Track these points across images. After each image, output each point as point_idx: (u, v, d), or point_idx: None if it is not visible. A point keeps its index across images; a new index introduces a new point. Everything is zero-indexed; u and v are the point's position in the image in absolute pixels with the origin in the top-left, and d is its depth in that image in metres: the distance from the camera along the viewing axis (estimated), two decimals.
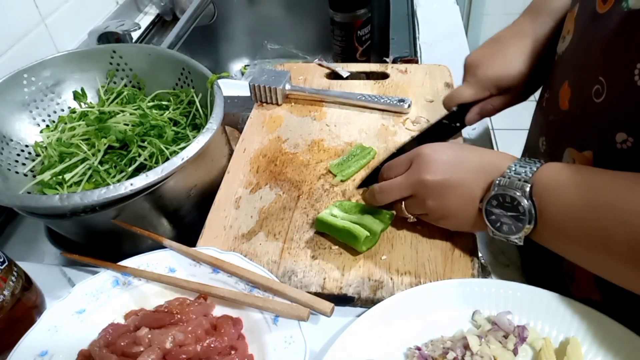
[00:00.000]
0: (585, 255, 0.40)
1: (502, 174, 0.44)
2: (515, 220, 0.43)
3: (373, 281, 0.50)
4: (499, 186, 0.44)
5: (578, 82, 0.45)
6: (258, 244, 0.55)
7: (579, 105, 0.45)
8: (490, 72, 0.57)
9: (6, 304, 0.48)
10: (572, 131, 0.46)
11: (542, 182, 0.42)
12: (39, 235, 0.68)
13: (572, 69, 0.47)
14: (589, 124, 0.43)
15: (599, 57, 0.42)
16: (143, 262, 0.52)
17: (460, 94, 0.59)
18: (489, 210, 0.45)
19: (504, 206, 0.44)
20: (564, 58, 0.49)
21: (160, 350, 0.42)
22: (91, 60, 0.71)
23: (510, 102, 0.59)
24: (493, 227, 0.46)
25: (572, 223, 0.40)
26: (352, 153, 0.65)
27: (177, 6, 1.10)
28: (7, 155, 0.63)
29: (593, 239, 0.38)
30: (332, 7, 0.89)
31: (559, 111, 0.49)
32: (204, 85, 0.65)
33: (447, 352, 0.42)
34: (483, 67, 0.57)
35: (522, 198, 0.42)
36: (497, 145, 2.10)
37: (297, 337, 0.44)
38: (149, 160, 0.61)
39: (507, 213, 0.44)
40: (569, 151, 0.46)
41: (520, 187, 0.42)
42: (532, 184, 0.42)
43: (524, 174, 0.43)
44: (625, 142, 0.39)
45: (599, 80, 0.41)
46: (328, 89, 0.77)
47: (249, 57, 1.25)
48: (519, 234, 0.44)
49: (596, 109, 0.42)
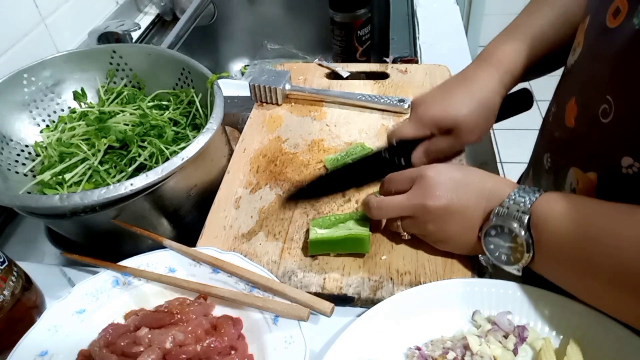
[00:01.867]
0: (578, 285, 0.41)
1: (502, 203, 0.44)
2: (514, 251, 0.44)
3: (373, 281, 0.50)
4: (497, 216, 0.44)
5: (585, 99, 0.44)
6: (258, 244, 0.55)
7: (585, 124, 0.44)
8: (430, 111, 0.57)
9: (6, 304, 0.48)
10: (577, 150, 0.46)
11: (539, 213, 0.42)
12: (39, 235, 0.68)
13: (579, 84, 0.46)
14: (594, 144, 0.43)
15: (607, 74, 0.41)
16: (143, 262, 0.52)
17: (400, 130, 0.59)
18: (488, 240, 0.45)
19: (502, 236, 0.44)
20: (572, 72, 0.48)
21: (160, 350, 0.42)
22: (91, 60, 0.71)
23: (457, 144, 0.58)
24: (492, 256, 0.46)
25: (566, 253, 0.40)
26: (350, 151, 0.65)
27: (177, 6, 1.10)
28: (7, 155, 0.63)
29: (584, 269, 0.39)
30: (332, 7, 0.89)
31: (564, 128, 0.48)
32: (204, 85, 0.65)
33: (447, 352, 0.42)
34: (424, 106, 0.58)
35: (520, 230, 0.42)
36: (497, 145, 2.10)
37: (297, 337, 0.44)
38: (149, 160, 0.61)
39: (505, 244, 0.44)
40: (573, 171, 0.46)
41: (519, 219, 0.42)
42: (530, 215, 0.42)
43: (522, 204, 0.43)
44: (631, 167, 0.38)
45: (606, 99, 0.40)
46: (328, 89, 0.77)
47: (249, 57, 1.25)
48: (517, 265, 0.44)
49: (602, 129, 0.41)
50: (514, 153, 2.00)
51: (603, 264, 0.37)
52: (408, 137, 0.58)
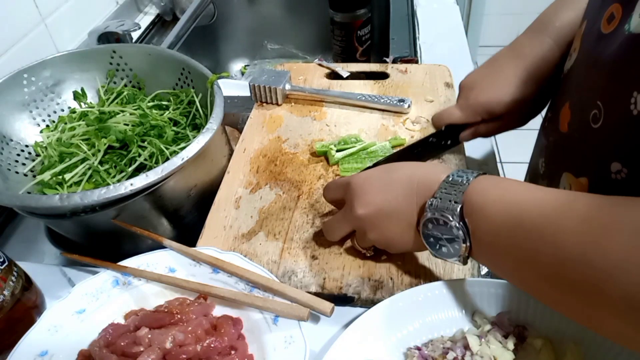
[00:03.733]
0: (516, 275, 0.39)
1: (434, 194, 0.42)
2: (452, 242, 0.42)
3: (373, 281, 0.50)
4: (430, 208, 0.42)
5: (578, 104, 0.44)
6: (258, 244, 0.55)
7: (577, 130, 0.44)
8: (482, 97, 0.55)
9: (6, 304, 0.48)
10: (569, 156, 0.45)
11: (471, 202, 0.40)
12: (39, 235, 0.68)
13: (574, 90, 0.46)
14: (586, 150, 0.42)
15: (599, 80, 0.40)
16: (143, 262, 0.52)
17: (450, 115, 0.58)
18: (426, 234, 0.44)
19: (439, 228, 0.42)
20: (568, 77, 0.48)
21: (160, 350, 0.42)
22: (91, 60, 0.71)
23: (505, 127, 0.57)
24: (433, 250, 0.44)
25: (502, 242, 0.38)
26: (345, 140, 0.66)
27: (177, 6, 1.10)
28: (7, 155, 0.63)
29: (520, 260, 0.37)
30: (332, 7, 0.89)
31: (558, 133, 0.47)
32: (204, 85, 0.65)
33: (447, 352, 0.42)
34: (475, 91, 0.56)
35: (453, 220, 0.40)
36: (497, 144, 2.10)
37: (297, 337, 0.44)
38: (149, 160, 0.61)
39: (443, 235, 0.42)
40: (566, 176, 0.45)
41: (451, 209, 0.41)
42: (463, 204, 0.40)
43: (454, 194, 0.41)
44: (620, 173, 0.38)
45: (596, 104, 0.40)
46: (328, 89, 0.77)
47: (249, 57, 1.25)
48: (457, 256, 0.43)
49: (593, 135, 0.41)
50: (514, 153, 2.00)
51: (540, 256, 0.34)
52: (458, 123, 0.58)
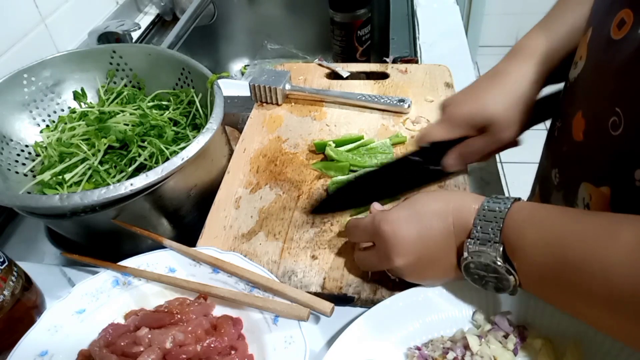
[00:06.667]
0: (571, 309, 0.39)
1: (469, 234, 0.42)
2: (499, 279, 0.41)
3: (373, 281, 0.50)
4: (469, 252, 0.41)
5: (592, 112, 0.43)
6: (258, 244, 0.55)
7: (595, 138, 0.43)
8: (461, 110, 0.54)
9: (6, 304, 0.48)
10: (587, 165, 0.44)
11: (511, 243, 0.39)
12: (39, 235, 0.68)
13: (585, 98, 0.45)
14: (605, 157, 0.41)
15: (615, 85, 0.39)
16: (143, 262, 0.52)
17: (431, 132, 0.56)
18: (470, 272, 0.43)
19: (481, 267, 0.42)
20: (576, 85, 0.47)
21: (160, 350, 0.42)
22: (91, 60, 0.71)
23: (494, 145, 0.55)
24: (479, 286, 0.44)
25: (550, 282, 0.38)
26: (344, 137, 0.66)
27: (177, 6, 1.10)
28: (7, 155, 0.63)
29: (574, 295, 0.37)
30: (332, 7, 0.89)
31: (572, 142, 0.46)
32: (204, 85, 0.65)
33: (447, 352, 0.43)
34: (454, 105, 0.55)
35: (497, 262, 0.40)
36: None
37: (297, 337, 0.44)
38: (149, 160, 0.61)
39: (488, 274, 0.42)
40: (584, 186, 0.44)
41: (493, 252, 0.40)
42: (503, 244, 0.40)
43: (492, 232, 0.40)
44: None
45: (615, 111, 0.39)
46: (328, 89, 0.77)
47: (249, 57, 1.25)
48: (507, 290, 0.42)
49: (613, 142, 0.39)
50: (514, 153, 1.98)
51: (593, 291, 0.34)
52: (438, 139, 0.56)
